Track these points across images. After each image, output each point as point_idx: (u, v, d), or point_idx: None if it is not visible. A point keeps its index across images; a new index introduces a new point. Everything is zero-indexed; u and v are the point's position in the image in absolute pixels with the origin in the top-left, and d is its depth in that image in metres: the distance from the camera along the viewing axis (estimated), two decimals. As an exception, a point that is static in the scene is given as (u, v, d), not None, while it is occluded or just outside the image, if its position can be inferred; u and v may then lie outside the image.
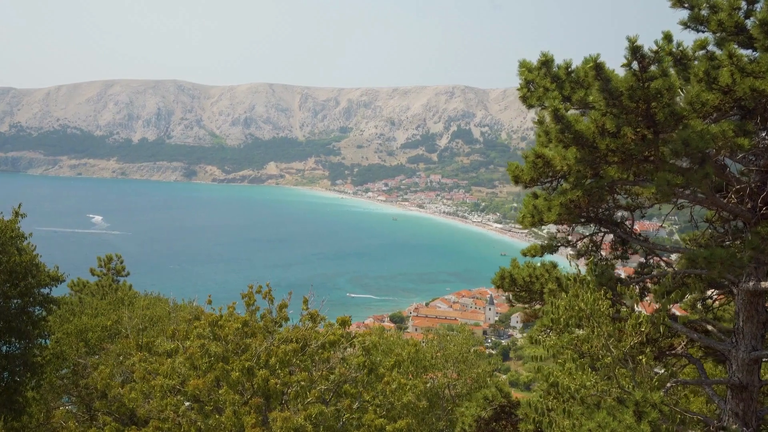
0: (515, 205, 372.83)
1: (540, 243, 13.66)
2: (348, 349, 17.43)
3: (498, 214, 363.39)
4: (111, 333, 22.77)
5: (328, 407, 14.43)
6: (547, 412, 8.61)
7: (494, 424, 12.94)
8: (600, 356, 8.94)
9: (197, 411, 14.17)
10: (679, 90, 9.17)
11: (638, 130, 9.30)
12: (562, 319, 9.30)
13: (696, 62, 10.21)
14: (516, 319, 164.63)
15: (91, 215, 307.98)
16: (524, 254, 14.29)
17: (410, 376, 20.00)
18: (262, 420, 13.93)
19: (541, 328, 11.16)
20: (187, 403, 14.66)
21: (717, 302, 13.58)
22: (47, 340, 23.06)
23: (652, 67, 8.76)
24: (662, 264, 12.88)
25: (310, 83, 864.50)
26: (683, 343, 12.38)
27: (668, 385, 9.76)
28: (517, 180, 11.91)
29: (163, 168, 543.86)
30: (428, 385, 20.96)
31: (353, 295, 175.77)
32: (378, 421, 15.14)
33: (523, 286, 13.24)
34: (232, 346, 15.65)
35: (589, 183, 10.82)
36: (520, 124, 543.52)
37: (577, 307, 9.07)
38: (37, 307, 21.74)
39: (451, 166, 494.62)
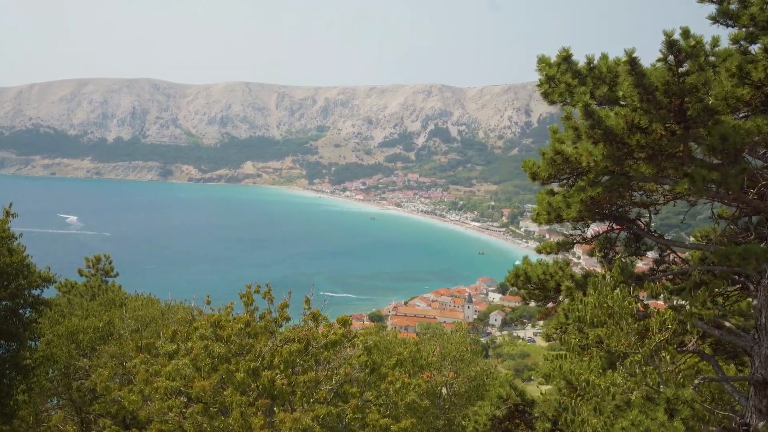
0: (492, 203, 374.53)
1: (555, 240, 13.55)
2: (348, 349, 17.22)
3: (476, 212, 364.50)
4: (103, 334, 22.37)
5: (330, 407, 14.23)
6: (576, 410, 8.50)
7: (507, 422, 12.84)
8: (628, 354, 8.86)
9: (201, 413, 13.91)
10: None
11: (667, 125, 9.24)
12: (588, 317, 9.22)
13: (713, 58, 10.16)
14: (495, 318, 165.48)
15: (65, 215, 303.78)
16: (539, 251, 14.19)
17: (407, 375, 19.84)
18: (269, 421, 13.72)
19: (557, 326, 11.07)
20: (186, 406, 14.40)
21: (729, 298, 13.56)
22: (36, 342, 22.64)
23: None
24: (678, 261, 12.86)
25: (287, 82, 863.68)
26: (693, 340, 12.34)
27: (696, 381, 9.74)
28: (534, 177, 11.81)
29: (139, 167, 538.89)
30: (428, 384, 20.84)
31: (331, 294, 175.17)
32: (383, 421, 14.98)
33: (537, 284, 13.14)
34: (235, 346, 15.41)
35: (608, 180, 10.76)
36: (497, 123, 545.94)
37: (605, 305, 9.00)
38: (27, 309, 21.33)
39: (429, 165, 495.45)
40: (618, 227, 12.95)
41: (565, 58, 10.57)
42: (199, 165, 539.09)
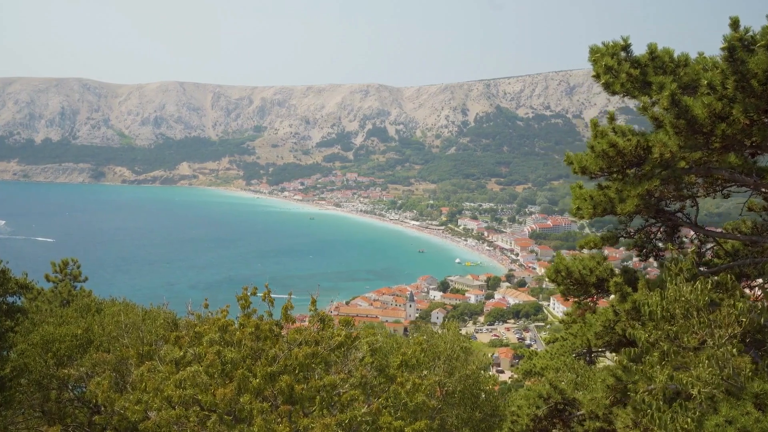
0: (431, 202, 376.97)
1: (599, 234, 13.32)
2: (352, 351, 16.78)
3: (415, 211, 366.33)
4: (82, 342, 21.30)
5: (355, 411, 13.77)
6: (660, 407, 8.27)
7: (545, 422, 12.61)
8: (703, 348, 8.70)
9: (219, 422, 13.25)
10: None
11: (750, 115, 9.09)
12: (659, 311, 9.02)
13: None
14: (437, 316, 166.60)
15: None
16: (581, 246, 13.94)
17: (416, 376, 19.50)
18: (294, 428, 13.16)
19: (605, 323, 10.86)
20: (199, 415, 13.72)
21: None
22: (7, 352, 21.40)
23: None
24: (722, 254, 12.80)
25: (222, 81, 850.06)
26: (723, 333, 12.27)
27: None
28: (583, 171, 11.50)
29: (70, 169, 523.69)
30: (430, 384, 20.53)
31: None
32: (396, 423, 14.60)
33: (578, 279, 12.91)
34: (247, 351, 14.79)
35: (665, 172, 10.57)
36: (435, 122, 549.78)
37: (683, 298, 8.82)
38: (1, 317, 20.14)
39: (367, 165, 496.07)
40: (654, 220, 12.84)
41: (624, 47, 10.37)
42: (133, 166, 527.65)
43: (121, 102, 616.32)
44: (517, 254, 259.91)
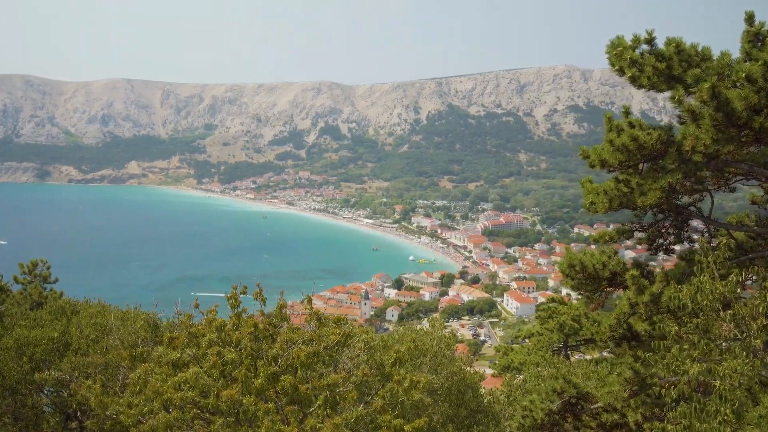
0: (384, 200, 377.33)
1: (614, 228, 13.33)
2: (346, 349, 16.59)
3: (368, 209, 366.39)
4: (59, 345, 20.61)
5: (361, 410, 13.58)
6: (700, 399, 8.26)
7: (557, 416, 12.59)
8: (734, 340, 8.75)
9: (223, 425, 12.89)
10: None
11: (787, 107, 9.18)
12: (690, 304, 9.03)
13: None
14: (391, 313, 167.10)
15: None
16: (596, 240, 13.90)
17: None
18: (302, 429, 12.88)
19: (619, 316, 10.86)
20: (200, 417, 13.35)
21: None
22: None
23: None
24: (732, 246, 12.90)
25: (172, 79, 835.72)
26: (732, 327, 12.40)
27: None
28: (603, 164, 11.48)
29: (12, 169, 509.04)
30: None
31: (202, 294, 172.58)
32: (396, 422, 14.45)
33: (592, 274, 12.88)
34: (247, 351, 14.45)
35: (684, 166, 10.61)
36: (387, 120, 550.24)
37: (718, 291, 8.85)
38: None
39: (320, 163, 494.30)
40: (663, 215, 12.91)
41: (648, 41, 10.37)
42: (80, 165, 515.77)
43: (67, 99, 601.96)
44: (470, 251, 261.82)
